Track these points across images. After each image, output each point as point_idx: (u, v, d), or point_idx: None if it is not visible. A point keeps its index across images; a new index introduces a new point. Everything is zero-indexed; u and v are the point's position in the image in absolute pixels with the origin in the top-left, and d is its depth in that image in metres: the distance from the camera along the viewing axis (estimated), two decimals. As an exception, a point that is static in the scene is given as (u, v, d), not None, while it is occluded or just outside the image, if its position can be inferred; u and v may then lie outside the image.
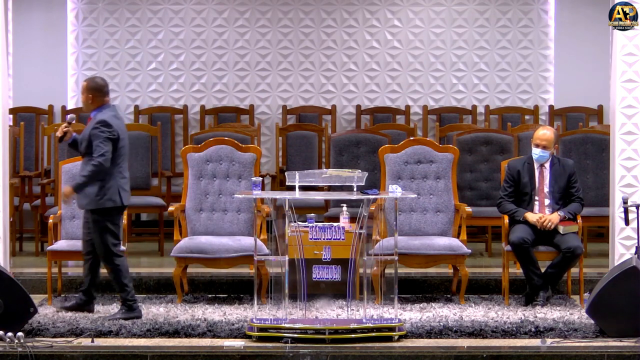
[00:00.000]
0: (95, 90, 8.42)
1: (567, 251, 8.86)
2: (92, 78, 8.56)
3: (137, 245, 11.55)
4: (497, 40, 12.92)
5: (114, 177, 8.34)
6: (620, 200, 9.13)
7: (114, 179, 8.34)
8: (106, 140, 8.25)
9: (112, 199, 8.35)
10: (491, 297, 9.36)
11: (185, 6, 12.88)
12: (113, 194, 8.35)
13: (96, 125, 8.30)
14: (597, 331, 8.00)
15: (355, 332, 7.80)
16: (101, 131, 8.27)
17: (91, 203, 8.36)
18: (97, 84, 8.46)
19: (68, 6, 12.80)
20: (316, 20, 12.92)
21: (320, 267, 7.96)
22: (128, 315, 8.36)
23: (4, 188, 9.36)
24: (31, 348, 7.46)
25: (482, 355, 7.55)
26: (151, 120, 12.68)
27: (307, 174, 8.20)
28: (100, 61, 12.82)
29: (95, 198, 8.34)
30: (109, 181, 8.32)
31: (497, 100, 12.95)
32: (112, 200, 8.35)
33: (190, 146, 9.70)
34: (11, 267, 9.63)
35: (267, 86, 12.91)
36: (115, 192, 8.35)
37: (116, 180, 8.35)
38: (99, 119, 8.32)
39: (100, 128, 8.28)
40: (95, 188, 8.31)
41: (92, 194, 8.33)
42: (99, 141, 8.26)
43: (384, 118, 12.77)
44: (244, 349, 7.62)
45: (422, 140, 9.73)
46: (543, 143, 9.13)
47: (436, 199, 9.47)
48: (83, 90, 8.47)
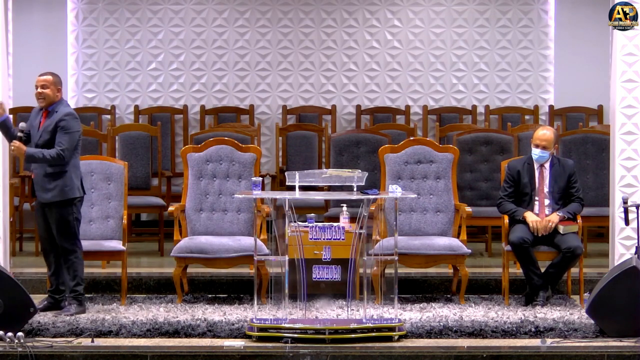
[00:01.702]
0: (60, 84, 8.62)
1: (567, 251, 8.86)
2: (53, 72, 8.67)
3: (137, 245, 11.56)
4: (497, 40, 12.92)
5: (77, 168, 8.57)
6: (620, 200, 9.13)
7: (77, 170, 8.57)
8: (73, 134, 8.46)
9: (78, 188, 8.57)
10: (491, 297, 9.36)
11: (185, 6, 12.88)
12: (77, 184, 8.57)
13: (65, 117, 8.45)
14: (597, 331, 8.00)
15: (355, 332, 7.80)
16: (70, 125, 8.45)
17: (57, 195, 8.48)
18: (59, 78, 8.66)
19: (68, 6, 12.81)
20: (316, 20, 12.92)
21: (320, 267, 7.96)
22: (79, 310, 8.49)
23: (4, 188, 9.36)
24: (31, 348, 7.46)
25: (482, 355, 7.55)
26: (151, 120, 12.68)
27: (307, 174, 8.20)
28: (100, 61, 12.82)
29: (62, 190, 8.47)
30: (73, 172, 8.52)
31: (497, 100, 12.95)
32: (78, 190, 8.57)
33: (190, 146, 9.70)
34: (11, 267, 9.63)
35: (267, 86, 12.91)
36: (78, 182, 8.57)
37: (78, 172, 8.58)
38: (67, 111, 8.49)
39: (70, 121, 8.46)
40: (60, 181, 8.45)
41: (56, 186, 8.45)
42: (66, 134, 8.42)
43: (384, 118, 12.77)
44: (244, 349, 7.62)
45: (422, 140, 9.73)
46: (543, 143, 9.12)
47: (436, 199, 9.47)
48: (49, 84, 8.53)
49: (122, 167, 9.44)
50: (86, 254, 9.10)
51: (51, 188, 8.46)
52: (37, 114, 8.61)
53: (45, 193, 8.49)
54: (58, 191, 8.46)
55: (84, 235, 9.32)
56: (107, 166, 9.44)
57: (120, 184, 9.38)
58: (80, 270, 8.59)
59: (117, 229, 9.32)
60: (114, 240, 9.27)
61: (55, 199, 8.48)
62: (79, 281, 8.57)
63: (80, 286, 8.58)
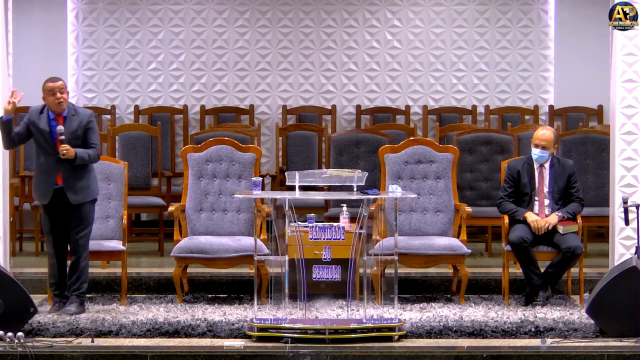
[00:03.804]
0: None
1: (567, 251, 8.87)
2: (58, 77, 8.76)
3: (137, 245, 11.56)
4: (497, 40, 12.92)
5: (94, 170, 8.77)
6: (620, 200, 9.13)
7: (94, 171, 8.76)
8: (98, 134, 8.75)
9: (97, 188, 8.76)
10: (491, 297, 9.37)
11: (185, 6, 12.88)
12: (97, 184, 8.78)
13: (91, 118, 8.65)
14: (597, 331, 8.00)
15: (355, 332, 7.80)
16: (96, 124, 8.72)
17: (88, 195, 8.60)
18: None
19: (68, 6, 12.80)
20: (316, 20, 12.92)
21: (320, 267, 7.96)
22: (80, 310, 8.53)
23: (4, 188, 9.36)
24: (31, 348, 7.46)
25: (482, 355, 7.55)
26: (151, 120, 12.68)
27: (307, 174, 8.20)
28: (100, 61, 12.82)
29: (89, 190, 8.60)
30: (93, 172, 8.69)
31: (497, 100, 12.95)
32: (97, 190, 8.76)
33: (190, 146, 9.70)
34: (11, 267, 9.62)
35: (267, 86, 12.91)
36: (97, 182, 8.79)
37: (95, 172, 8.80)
38: (87, 112, 8.69)
39: (95, 121, 8.70)
40: (86, 181, 8.58)
41: (84, 187, 8.56)
42: (94, 133, 8.63)
43: (384, 118, 12.77)
44: (244, 349, 7.62)
45: (422, 140, 9.73)
46: (542, 143, 9.12)
47: (436, 199, 9.47)
48: (63, 89, 8.59)
49: (122, 167, 9.44)
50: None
51: (82, 188, 8.53)
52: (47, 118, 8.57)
53: (76, 195, 8.52)
54: (88, 191, 8.58)
55: (84, 235, 9.34)
56: (107, 166, 9.44)
57: (120, 184, 9.38)
58: (88, 270, 8.68)
59: (117, 229, 9.32)
60: (114, 240, 9.27)
61: (86, 199, 8.56)
62: (85, 280, 8.63)
63: (86, 285, 8.63)
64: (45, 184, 8.56)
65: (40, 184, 8.61)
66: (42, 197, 8.61)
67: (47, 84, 8.59)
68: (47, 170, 8.54)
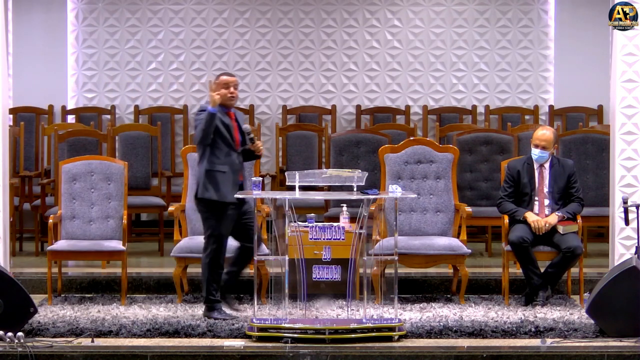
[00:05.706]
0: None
1: (567, 251, 8.87)
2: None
3: (137, 245, 11.56)
4: (497, 40, 12.92)
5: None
6: (620, 200, 9.13)
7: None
8: None
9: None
10: (491, 297, 9.37)
11: (185, 6, 12.88)
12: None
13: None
14: (597, 331, 8.00)
15: (355, 332, 7.80)
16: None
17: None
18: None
19: (68, 6, 12.80)
20: (316, 20, 12.92)
21: (320, 267, 7.96)
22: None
23: (4, 188, 9.36)
24: (31, 348, 7.46)
25: (482, 355, 7.55)
26: (151, 120, 12.68)
27: (307, 174, 8.20)
28: (100, 61, 12.82)
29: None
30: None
31: (497, 100, 12.95)
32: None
33: (190, 146, 9.69)
34: (11, 267, 9.62)
35: (267, 86, 12.91)
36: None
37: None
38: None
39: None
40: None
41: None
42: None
43: (384, 118, 12.77)
44: (244, 349, 7.62)
45: (422, 140, 9.73)
46: (542, 143, 9.13)
47: (436, 199, 9.47)
48: (237, 86, 8.42)
49: (122, 167, 9.44)
50: (86, 254, 9.13)
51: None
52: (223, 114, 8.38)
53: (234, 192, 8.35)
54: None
55: (84, 235, 9.34)
56: (107, 166, 9.44)
57: (120, 184, 9.38)
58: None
59: (117, 229, 9.32)
60: (114, 240, 9.27)
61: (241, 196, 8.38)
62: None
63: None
64: (232, 181, 8.38)
65: (225, 182, 8.36)
66: (229, 195, 8.34)
67: (222, 77, 8.38)
68: (234, 167, 8.38)
